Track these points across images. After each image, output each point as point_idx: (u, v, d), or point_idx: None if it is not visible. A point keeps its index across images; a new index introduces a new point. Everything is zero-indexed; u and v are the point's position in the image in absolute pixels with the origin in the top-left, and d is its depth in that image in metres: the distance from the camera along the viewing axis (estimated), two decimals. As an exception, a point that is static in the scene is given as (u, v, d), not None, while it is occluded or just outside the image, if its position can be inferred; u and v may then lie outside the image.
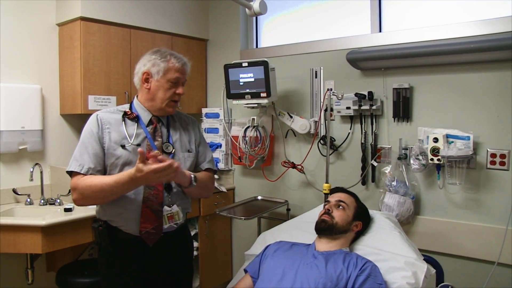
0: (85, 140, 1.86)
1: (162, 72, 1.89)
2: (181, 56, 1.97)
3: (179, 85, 1.93)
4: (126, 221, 1.86)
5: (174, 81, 1.90)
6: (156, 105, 1.92)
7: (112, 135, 1.86)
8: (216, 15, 3.73)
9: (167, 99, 1.91)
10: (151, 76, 1.90)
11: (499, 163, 2.39)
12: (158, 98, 1.91)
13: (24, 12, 2.97)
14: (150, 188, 1.86)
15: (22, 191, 2.92)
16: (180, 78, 1.92)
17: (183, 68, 1.93)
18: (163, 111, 1.94)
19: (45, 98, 3.07)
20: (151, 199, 1.86)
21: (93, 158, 1.82)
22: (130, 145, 1.85)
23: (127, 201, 1.85)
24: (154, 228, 1.87)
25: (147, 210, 1.86)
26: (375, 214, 2.24)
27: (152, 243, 1.88)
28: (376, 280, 1.77)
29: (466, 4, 2.56)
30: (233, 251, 3.70)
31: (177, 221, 1.93)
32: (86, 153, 1.83)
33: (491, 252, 2.39)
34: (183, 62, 1.94)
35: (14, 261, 2.90)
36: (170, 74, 1.89)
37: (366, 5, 2.94)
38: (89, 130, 1.87)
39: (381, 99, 2.76)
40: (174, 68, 1.90)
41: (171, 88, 1.90)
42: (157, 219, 1.88)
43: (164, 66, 1.89)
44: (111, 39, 3.08)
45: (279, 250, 2.03)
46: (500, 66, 2.37)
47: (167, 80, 1.89)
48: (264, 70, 2.86)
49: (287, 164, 3.10)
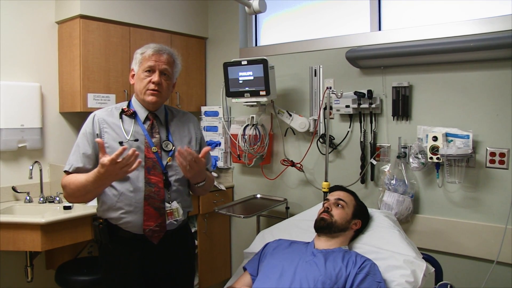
0: (78, 141, 1.89)
1: (138, 64, 1.91)
2: (162, 45, 1.94)
3: (155, 73, 1.88)
4: (128, 220, 1.86)
5: (148, 69, 1.88)
6: (140, 98, 1.94)
7: (110, 134, 1.86)
8: (216, 13, 3.73)
9: (143, 89, 1.89)
10: (133, 71, 1.94)
11: (498, 162, 2.39)
12: (138, 90, 1.92)
13: (24, 10, 2.96)
14: (151, 185, 1.86)
15: (22, 189, 2.93)
16: (153, 65, 1.88)
17: (157, 55, 1.89)
18: (146, 102, 1.93)
19: (44, 96, 3.07)
20: (153, 196, 1.86)
21: (82, 158, 1.85)
22: (127, 141, 1.86)
23: (128, 200, 1.85)
24: (157, 225, 1.87)
25: (149, 208, 1.86)
26: (374, 212, 2.24)
27: (157, 240, 1.88)
28: (375, 278, 1.77)
29: (465, 3, 2.56)
30: (232, 249, 3.70)
31: (177, 217, 1.93)
32: (77, 153, 1.87)
33: (490, 251, 2.39)
34: (156, 49, 1.90)
35: (13, 258, 2.90)
36: (143, 63, 1.89)
37: (366, 3, 2.94)
38: (83, 131, 1.90)
39: (381, 97, 2.76)
40: (147, 56, 1.89)
41: (147, 78, 1.88)
42: (160, 216, 1.88)
43: (139, 58, 1.91)
44: (110, 37, 3.08)
45: (278, 248, 2.04)
46: (499, 64, 2.37)
47: (143, 70, 1.89)
48: (264, 68, 2.86)
49: (286, 162, 3.10)
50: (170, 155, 1.93)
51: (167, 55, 1.92)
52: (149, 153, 1.88)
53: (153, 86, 1.88)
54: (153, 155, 1.89)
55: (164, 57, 1.90)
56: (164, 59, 1.90)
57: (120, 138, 1.86)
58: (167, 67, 1.91)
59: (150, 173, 1.87)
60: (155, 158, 1.89)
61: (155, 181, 1.87)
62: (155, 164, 1.88)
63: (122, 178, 1.80)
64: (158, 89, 1.89)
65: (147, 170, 1.87)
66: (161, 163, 1.90)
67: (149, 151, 1.88)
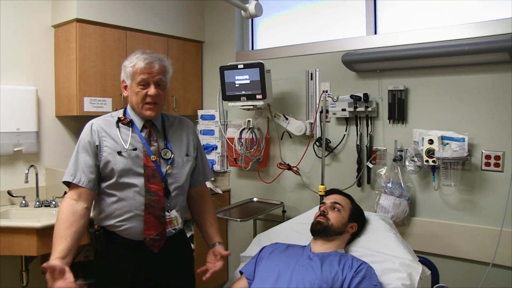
0: (79, 150, 1.85)
1: (130, 77, 1.84)
2: (152, 54, 1.86)
3: (150, 86, 1.83)
4: (128, 227, 1.84)
5: (142, 83, 1.82)
6: (137, 111, 1.89)
7: (109, 144, 1.83)
8: (212, 17, 3.74)
9: (140, 103, 1.84)
10: (125, 82, 1.89)
11: (493, 165, 2.40)
12: (134, 103, 1.87)
13: (20, 13, 2.96)
14: (151, 194, 1.84)
15: (17, 193, 2.92)
16: (147, 78, 1.81)
17: (149, 67, 1.81)
18: (144, 116, 1.88)
19: (40, 100, 3.06)
20: (153, 205, 1.84)
21: (84, 169, 1.82)
22: (126, 151, 1.83)
23: (128, 207, 1.83)
24: (158, 234, 1.85)
25: (150, 217, 1.84)
26: (371, 215, 2.24)
27: (158, 249, 1.87)
28: (372, 281, 1.77)
29: (461, 7, 2.58)
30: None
31: (176, 226, 1.92)
32: (78, 164, 1.83)
33: (486, 253, 2.40)
34: (147, 61, 1.82)
35: (9, 263, 2.88)
36: (136, 77, 1.82)
37: (362, 7, 2.96)
38: (82, 143, 1.85)
39: (377, 101, 2.77)
40: (138, 70, 1.81)
41: (142, 91, 1.83)
42: (161, 224, 1.86)
43: (130, 71, 1.84)
44: (107, 41, 3.08)
45: (275, 251, 2.03)
46: (494, 68, 2.39)
47: (136, 84, 1.83)
48: (260, 72, 2.87)
49: (283, 166, 3.10)
50: (170, 163, 1.91)
51: (159, 65, 1.84)
52: (148, 162, 1.85)
53: (150, 99, 1.83)
54: (152, 163, 1.86)
55: (156, 67, 1.83)
56: (157, 70, 1.83)
57: (119, 148, 1.83)
58: (161, 76, 1.85)
59: (150, 182, 1.84)
60: (154, 167, 1.86)
61: (155, 189, 1.84)
62: (154, 173, 1.85)
63: (121, 187, 1.81)
64: (156, 101, 1.85)
65: (147, 178, 1.84)
66: (160, 172, 1.87)
67: (148, 160, 1.85)
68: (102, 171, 1.84)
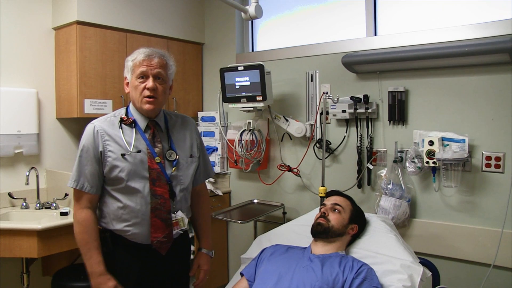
0: (82, 155, 1.81)
1: (131, 71, 1.84)
2: (152, 49, 1.86)
3: (148, 79, 1.81)
4: (135, 232, 1.82)
5: (141, 76, 1.80)
6: (137, 106, 1.86)
7: (113, 147, 1.80)
8: (212, 19, 3.74)
9: (139, 97, 1.81)
10: (126, 79, 1.88)
11: (494, 166, 2.40)
12: (134, 98, 1.85)
13: (20, 16, 2.97)
14: (157, 197, 1.82)
15: (18, 195, 2.92)
16: (145, 71, 1.80)
17: (148, 60, 1.81)
18: (143, 111, 1.85)
19: (41, 102, 3.06)
20: (159, 208, 1.83)
21: (89, 176, 1.80)
22: (130, 154, 1.80)
23: (135, 212, 1.81)
24: (165, 236, 1.85)
25: (156, 220, 1.82)
26: (371, 217, 2.24)
27: (165, 251, 1.86)
28: (372, 283, 1.77)
29: (460, 8, 2.58)
30: (229, 255, 3.69)
31: (182, 227, 1.91)
32: (82, 170, 1.80)
33: (487, 255, 2.40)
34: (147, 54, 1.81)
35: (9, 265, 2.88)
36: (135, 70, 1.81)
37: (361, 8, 2.96)
38: (85, 147, 1.81)
39: (377, 102, 2.77)
40: (138, 63, 1.81)
41: (141, 84, 1.81)
42: (167, 227, 1.85)
43: (130, 65, 1.84)
44: (107, 43, 3.09)
45: (275, 253, 2.03)
46: (494, 69, 2.39)
47: (136, 77, 1.81)
48: (260, 73, 2.87)
49: (283, 167, 3.10)
50: (175, 164, 1.89)
51: (159, 58, 1.83)
52: (152, 164, 1.82)
53: (148, 93, 1.80)
54: (157, 165, 1.83)
55: (156, 60, 1.82)
56: (156, 62, 1.81)
57: (122, 150, 1.80)
58: (160, 70, 1.82)
59: (155, 185, 1.82)
60: (159, 169, 1.83)
61: (160, 192, 1.82)
62: (159, 175, 1.83)
63: (127, 192, 1.81)
64: (154, 94, 1.82)
65: (152, 181, 1.81)
66: (165, 174, 1.85)
67: (152, 162, 1.83)
68: (106, 176, 1.82)
